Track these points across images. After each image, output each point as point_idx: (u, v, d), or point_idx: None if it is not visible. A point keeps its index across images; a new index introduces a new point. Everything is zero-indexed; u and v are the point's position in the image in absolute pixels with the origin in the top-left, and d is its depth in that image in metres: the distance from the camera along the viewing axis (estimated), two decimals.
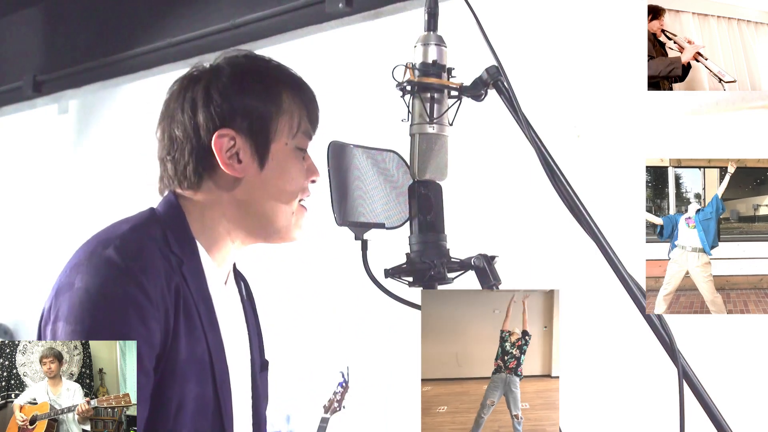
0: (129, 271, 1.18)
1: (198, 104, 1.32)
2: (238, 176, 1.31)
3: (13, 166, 4.45)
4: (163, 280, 1.21)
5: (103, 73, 3.87)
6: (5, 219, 4.45)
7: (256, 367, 1.42)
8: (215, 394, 1.26)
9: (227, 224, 1.34)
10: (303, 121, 1.36)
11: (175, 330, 1.22)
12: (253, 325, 1.46)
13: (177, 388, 1.22)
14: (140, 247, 1.22)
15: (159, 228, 1.28)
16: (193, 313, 1.25)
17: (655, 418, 2.10)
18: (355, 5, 2.91)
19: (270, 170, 1.33)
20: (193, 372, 1.23)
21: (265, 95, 1.32)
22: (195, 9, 3.46)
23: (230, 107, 1.31)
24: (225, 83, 1.32)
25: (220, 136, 1.29)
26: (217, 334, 1.28)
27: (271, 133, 1.32)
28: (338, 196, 1.24)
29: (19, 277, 4.29)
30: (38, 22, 4.24)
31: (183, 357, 1.22)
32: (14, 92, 4.24)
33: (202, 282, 1.29)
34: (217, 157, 1.30)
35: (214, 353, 1.26)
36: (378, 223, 1.26)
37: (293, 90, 1.36)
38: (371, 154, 1.34)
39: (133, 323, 1.17)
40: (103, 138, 3.94)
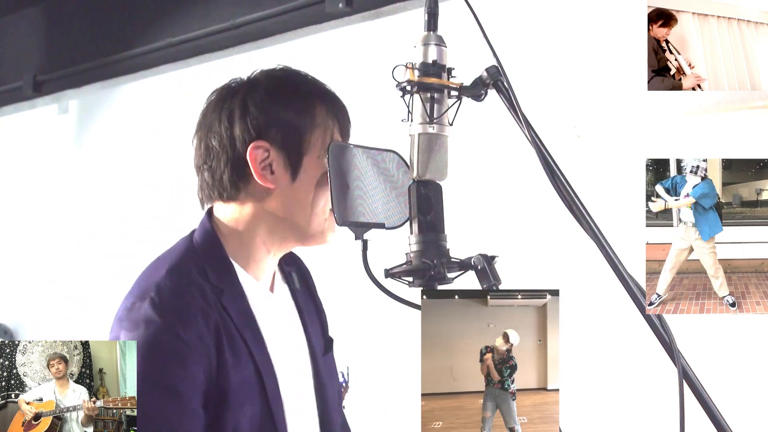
0: (165, 324, 1.23)
1: (235, 115, 1.34)
2: (270, 187, 1.34)
3: (13, 166, 4.45)
4: (201, 323, 1.26)
5: (103, 73, 3.87)
6: (5, 219, 4.45)
7: (317, 353, 1.45)
8: (267, 408, 1.30)
9: (263, 235, 1.37)
10: (335, 135, 1.38)
11: (220, 363, 1.26)
12: (311, 310, 1.50)
13: (231, 413, 1.26)
14: (176, 295, 1.27)
15: (196, 262, 1.33)
16: (237, 342, 1.29)
17: (655, 418, 2.10)
18: (355, 5, 2.90)
19: (302, 182, 1.35)
20: (245, 395, 1.28)
21: (299, 108, 1.35)
22: (195, 9, 3.46)
23: (266, 119, 1.33)
24: (261, 95, 1.35)
25: (255, 148, 1.33)
26: (263, 351, 1.32)
27: (304, 146, 1.34)
28: (338, 196, 1.24)
29: (19, 277, 4.29)
30: (38, 22, 4.24)
31: (233, 385, 1.27)
32: (14, 92, 4.24)
33: (243, 305, 1.33)
34: (252, 168, 1.33)
35: (263, 370, 1.31)
36: (378, 223, 1.27)
37: (327, 104, 1.38)
38: (371, 154, 1.34)
39: (173, 371, 1.22)
40: (103, 138, 3.94)
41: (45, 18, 4.20)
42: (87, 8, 3.96)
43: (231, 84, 1.39)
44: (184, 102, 3.51)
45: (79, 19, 4.01)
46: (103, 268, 3.72)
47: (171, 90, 3.61)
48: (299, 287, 1.50)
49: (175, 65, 3.58)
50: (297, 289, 1.49)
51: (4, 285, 4.39)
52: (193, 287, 1.29)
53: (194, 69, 3.48)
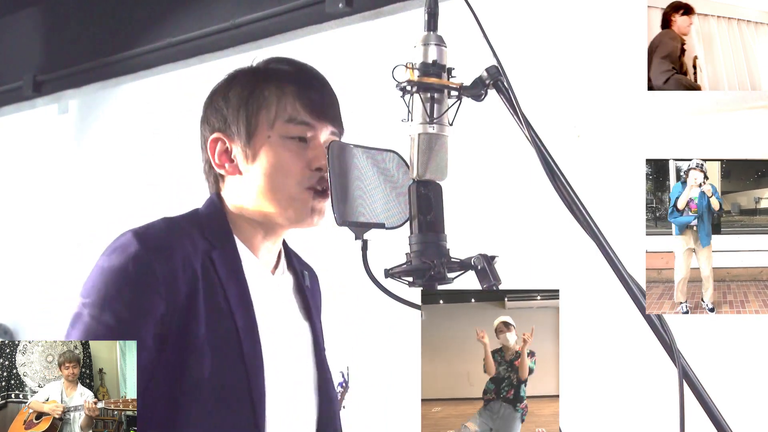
0: (140, 251, 1.28)
1: (202, 119, 1.46)
2: (232, 174, 1.41)
3: (13, 166, 4.45)
4: (178, 263, 1.29)
5: (103, 73, 3.86)
6: (5, 219, 4.45)
7: (321, 349, 1.48)
8: (245, 373, 1.30)
9: (248, 220, 1.41)
10: (285, 109, 1.39)
11: (190, 308, 1.28)
12: (318, 310, 1.53)
13: (194, 361, 1.27)
14: (159, 233, 1.33)
15: (196, 221, 1.39)
16: (217, 294, 1.31)
17: (655, 418, 2.10)
18: (355, 5, 2.90)
19: (258, 165, 1.38)
20: (212, 348, 1.28)
21: (246, 91, 1.40)
22: (195, 9, 3.46)
23: (219, 114, 1.42)
24: (221, 90, 1.44)
25: (212, 141, 1.42)
26: (248, 315, 1.34)
27: (251, 128, 1.39)
28: (338, 196, 1.24)
29: (19, 277, 4.29)
30: (38, 22, 4.23)
31: (202, 333, 1.28)
32: (14, 92, 4.24)
33: (235, 265, 1.36)
34: (211, 160, 1.42)
35: (243, 333, 1.32)
36: (378, 223, 1.27)
37: (278, 79, 1.41)
38: (371, 154, 1.34)
39: (131, 296, 1.26)
40: (103, 138, 3.94)
41: (45, 18, 4.20)
42: (87, 8, 3.96)
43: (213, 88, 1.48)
44: (184, 102, 3.51)
45: (79, 19, 4.00)
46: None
47: (171, 90, 3.61)
48: (310, 287, 1.53)
49: (175, 65, 3.58)
50: (307, 287, 1.52)
51: (4, 285, 4.39)
52: (183, 235, 1.34)
53: (194, 69, 3.48)
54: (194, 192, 1.51)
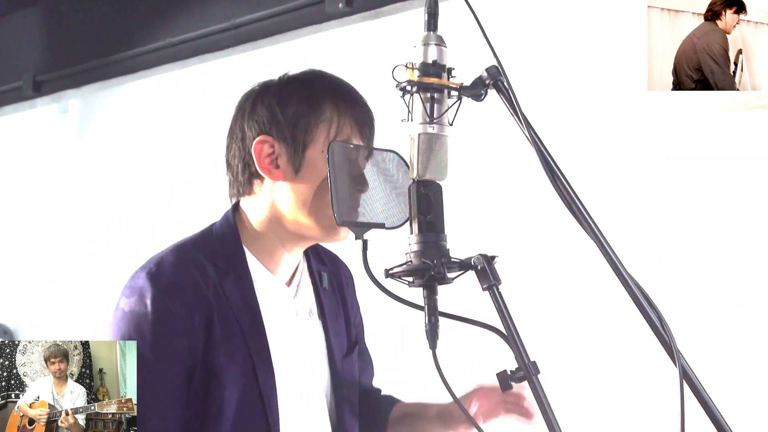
0: (155, 294, 1.30)
1: (246, 114, 1.42)
2: (275, 180, 1.39)
3: (13, 166, 4.45)
4: (191, 299, 1.31)
5: (103, 73, 3.86)
6: (5, 219, 4.45)
7: (335, 354, 1.48)
8: (260, 396, 1.33)
9: (276, 230, 1.41)
10: (343, 129, 1.39)
11: (209, 341, 1.31)
12: (337, 312, 1.53)
13: (217, 393, 1.30)
14: (173, 270, 1.34)
15: (207, 245, 1.40)
16: (231, 325, 1.33)
17: (655, 418, 2.09)
18: (355, 5, 2.90)
19: (306, 174, 1.37)
20: (232, 378, 1.31)
21: (305, 103, 1.39)
22: (195, 9, 3.46)
23: (271, 116, 1.39)
24: (270, 95, 1.41)
25: (260, 142, 1.39)
26: (261, 340, 1.36)
27: (306, 139, 1.37)
28: (338, 196, 1.24)
29: (19, 277, 4.29)
30: (38, 22, 4.23)
31: (221, 364, 1.31)
32: (14, 92, 4.24)
33: (247, 292, 1.37)
34: (255, 162, 1.38)
35: (255, 359, 1.34)
36: (378, 223, 1.27)
37: (338, 99, 1.40)
38: (371, 154, 1.34)
39: (153, 339, 1.28)
40: (103, 138, 3.94)
41: (45, 18, 4.20)
42: (87, 8, 3.96)
43: (252, 87, 1.46)
44: (184, 102, 3.51)
45: (79, 19, 4.00)
46: (103, 268, 3.72)
47: (171, 90, 3.61)
48: (327, 287, 1.52)
49: (175, 65, 3.58)
50: (324, 289, 1.51)
51: (4, 285, 4.39)
52: (192, 265, 1.35)
53: (194, 69, 3.48)
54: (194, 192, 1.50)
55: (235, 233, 1.41)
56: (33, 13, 4.22)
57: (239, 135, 1.42)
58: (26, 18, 4.26)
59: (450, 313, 1.14)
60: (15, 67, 4.25)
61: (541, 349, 1.25)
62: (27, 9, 4.22)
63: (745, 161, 2.15)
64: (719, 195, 2.18)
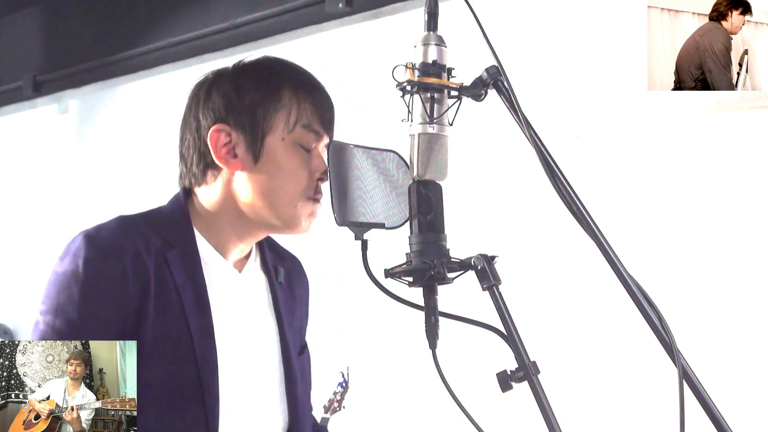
0: (89, 254, 1.26)
1: (200, 102, 1.39)
2: (233, 170, 1.36)
3: (13, 166, 4.45)
4: (128, 263, 1.26)
5: (103, 73, 3.87)
6: (5, 219, 4.45)
7: (290, 347, 1.43)
8: (197, 375, 1.28)
9: (230, 219, 1.38)
10: (304, 115, 1.37)
11: (142, 311, 1.26)
12: (290, 308, 1.48)
13: (144, 365, 1.23)
14: (110, 234, 1.30)
15: (154, 219, 1.35)
16: (169, 296, 1.29)
17: (655, 418, 2.10)
18: (355, 5, 2.90)
19: (265, 164, 1.35)
20: (162, 351, 1.26)
21: (262, 91, 1.36)
22: (195, 9, 3.46)
23: (227, 104, 1.36)
24: (225, 82, 1.38)
25: (215, 131, 1.36)
26: (204, 317, 1.31)
27: (265, 126, 1.35)
28: (338, 196, 1.24)
29: (19, 277, 4.29)
30: (38, 22, 4.24)
31: (149, 336, 1.26)
32: (14, 92, 4.24)
33: (193, 266, 1.33)
34: (212, 151, 1.36)
35: (195, 335, 1.29)
36: (378, 223, 1.26)
37: (294, 83, 1.38)
38: (371, 154, 1.34)
39: (82, 301, 1.24)
40: (103, 138, 3.94)
41: (45, 18, 4.20)
42: (87, 8, 3.96)
43: (204, 76, 1.43)
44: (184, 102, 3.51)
45: (79, 19, 4.01)
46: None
47: (171, 90, 3.61)
48: (282, 282, 1.48)
49: (175, 65, 3.58)
50: (280, 283, 1.47)
51: (4, 285, 4.39)
52: (136, 234, 1.30)
53: (194, 69, 3.48)
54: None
55: (185, 212, 1.38)
56: (33, 13, 4.23)
57: (193, 124, 1.39)
58: (26, 18, 4.26)
59: (450, 313, 1.14)
60: (15, 67, 4.25)
61: (541, 349, 1.25)
62: (27, 9, 4.22)
63: (745, 161, 2.16)
64: (719, 195, 2.18)
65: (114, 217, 1.34)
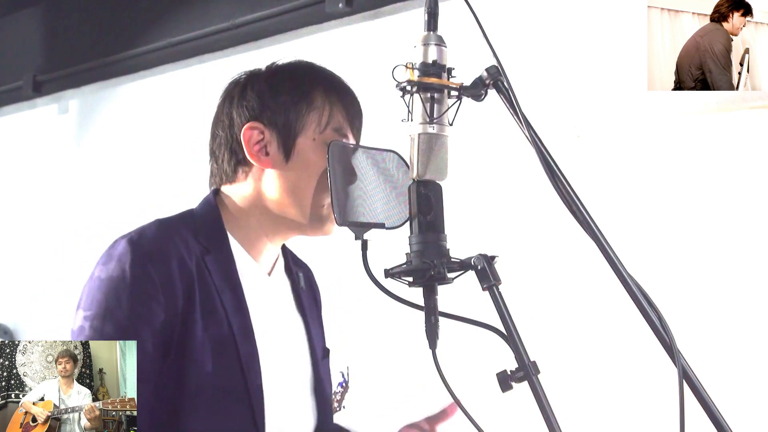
0: (135, 259, 1.26)
1: (235, 100, 1.41)
2: (264, 167, 1.37)
3: (13, 166, 4.45)
4: (174, 267, 1.28)
5: (103, 73, 3.86)
6: (5, 219, 4.45)
7: (317, 353, 1.46)
8: (242, 376, 1.29)
9: (260, 218, 1.39)
10: (334, 118, 1.39)
11: (186, 313, 1.27)
12: (314, 314, 1.51)
13: (194, 368, 1.26)
14: (156, 239, 1.31)
15: (190, 224, 1.36)
16: (213, 299, 1.30)
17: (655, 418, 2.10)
18: (355, 5, 2.90)
19: (295, 163, 1.37)
20: (211, 352, 1.28)
21: (295, 91, 1.39)
22: (195, 9, 3.46)
23: (261, 102, 1.38)
24: (260, 82, 1.41)
25: (249, 129, 1.38)
26: (244, 319, 1.32)
27: (298, 126, 1.37)
28: (338, 196, 1.24)
29: (19, 277, 4.29)
30: (38, 22, 4.23)
31: (198, 339, 1.27)
32: (14, 92, 4.23)
33: (229, 269, 1.34)
34: (245, 148, 1.37)
35: (239, 336, 1.30)
36: (378, 223, 1.27)
37: (328, 88, 1.41)
38: (371, 154, 1.35)
39: (130, 304, 1.25)
40: (103, 138, 3.94)
41: (45, 18, 4.20)
42: (87, 8, 3.96)
43: (238, 76, 1.45)
44: (184, 102, 3.51)
45: (79, 19, 4.00)
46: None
47: (171, 90, 3.61)
48: (305, 288, 1.51)
49: (175, 65, 3.58)
50: (302, 289, 1.50)
51: (4, 285, 4.38)
52: (177, 237, 1.32)
53: (194, 69, 3.48)
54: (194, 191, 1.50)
55: (218, 215, 1.39)
56: (33, 13, 4.22)
57: (226, 122, 1.41)
58: (26, 18, 4.26)
59: (450, 313, 1.14)
60: (15, 67, 4.25)
61: (541, 349, 1.25)
62: (27, 9, 4.22)
63: (745, 161, 2.16)
64: (719, 195, 2.18)
65: (152, 221, 1.36)
